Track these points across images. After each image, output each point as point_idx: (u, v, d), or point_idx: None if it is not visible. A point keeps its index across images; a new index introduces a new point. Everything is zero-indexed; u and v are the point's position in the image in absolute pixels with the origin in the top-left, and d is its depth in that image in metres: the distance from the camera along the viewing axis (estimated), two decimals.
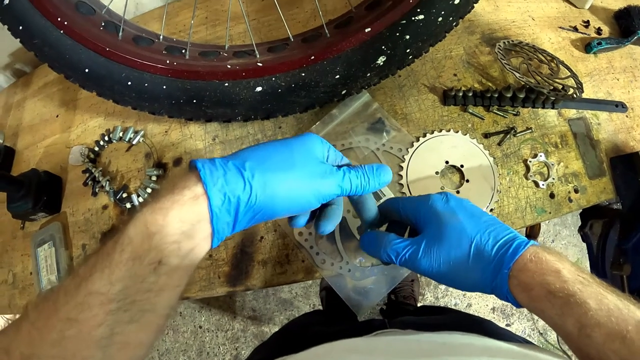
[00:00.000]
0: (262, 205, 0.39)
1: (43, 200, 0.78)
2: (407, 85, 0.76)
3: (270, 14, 0.89)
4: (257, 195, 0.39)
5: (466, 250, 0.43)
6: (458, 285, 0.45)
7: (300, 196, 0.41)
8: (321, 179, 0.42)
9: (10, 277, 0.82)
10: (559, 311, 0.38)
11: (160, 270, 0.35)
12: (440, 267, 0.44)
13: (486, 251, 0.43)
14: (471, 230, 0.44)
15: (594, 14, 0.89)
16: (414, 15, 0.60)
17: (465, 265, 0.43)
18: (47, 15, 0.61)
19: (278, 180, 0.40)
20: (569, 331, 0.37)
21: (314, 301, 1.85)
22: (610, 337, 0.35)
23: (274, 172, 0.40)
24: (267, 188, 0.39)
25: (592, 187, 0.71)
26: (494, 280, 0.42)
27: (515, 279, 0.41)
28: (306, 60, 0.64)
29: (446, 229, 0.45)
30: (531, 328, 1.75)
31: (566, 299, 0.38)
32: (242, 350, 1.83)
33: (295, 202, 0.41)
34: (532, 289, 0.40)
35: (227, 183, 0.37)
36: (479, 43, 0.81)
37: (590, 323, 0.36)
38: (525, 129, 0.72)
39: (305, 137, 0.45)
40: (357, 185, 0.45)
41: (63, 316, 0.32)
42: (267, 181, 0.39)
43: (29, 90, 1.00)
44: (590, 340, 0.36)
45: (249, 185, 0.38)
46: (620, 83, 0.80)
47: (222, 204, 0.37)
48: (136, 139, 0.79)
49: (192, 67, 0.65)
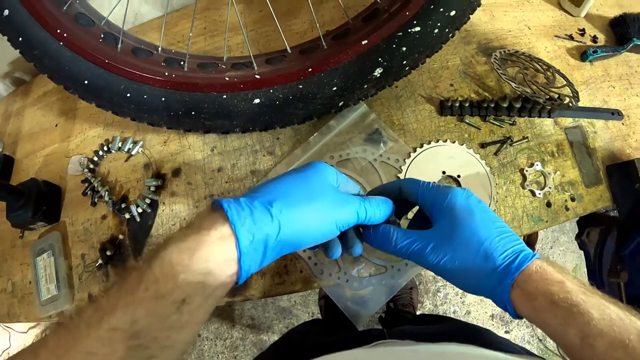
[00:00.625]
0: (289, 239, 0.40)
1: (42, 210, 0.78)
2: (404, 96, 0.77)
3: (268, 24, 0.89)
4: (285, 231, 0.40)
5: (474, 253, 0.44)
6: (459, 284, 0.46)
7: (325, 226, 0.43)
8: (341, 208, 0.44)
9: (10, 285, 0.82)
10: (561, 321, 0.38)
11: (183, 309, 0.35)
12: (445, 264, 0.44)
13: (494, 257, 0.43)
14: (483, 234, 0.44)
15: (589, 22, 0.90)
16: (411, 27, 0.60)
17: (471, 267, 0.44)
18: (46, 27, 0.62)
19: (303, 214, 0.41)
20: (572, 341, 0.37)
21: (313, 309, 1.85)
22: (612, 346, 0.35)
23: (298, 206, 0.41)
24: (294, 222, 0.40)
25: (589, 195, 0.71)
26: (496, 288, 0.42)
27: (519, 289, 0.41)
28: (304, 72, 0.64)
29: (459, 227, 0.45)
30: (530, 335, 1.75)
31: (569, 308, 0.38)
32: (241, 359, 1.83)
33: (320, 232, 0.43)
34: (535, 299, 0.40)
35: (254, 222, 0.38)
36: (475, 53, 0.81)
37: (593, 332, 0.36)
38: (522, 138, 0.73)
39: (319, 167, 0.46)
40: (371, 214, 0.46)
41: (83, 349, 0.32)
42: (293, 216, 0.40)
43: (28, 98, 1.00)
44: (592, 350, 0.36)
45: (277, 221, 0.39)
46: (616, 91, 0.81)
47: (250, 243, 0.38)
48: (135, 149, 0.80)
49: (191, 79, 0.65)
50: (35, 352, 0.32)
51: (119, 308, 0.33)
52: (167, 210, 0.75)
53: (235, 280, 0.39)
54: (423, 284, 1.83)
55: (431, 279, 1.84)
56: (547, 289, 0.40)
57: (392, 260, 0.65)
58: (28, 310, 0.79)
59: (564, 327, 0.38)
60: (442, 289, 1.82)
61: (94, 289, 0.74)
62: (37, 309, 0.77)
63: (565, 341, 0.38)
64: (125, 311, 0.33)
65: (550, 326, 0.39)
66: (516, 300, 0.41)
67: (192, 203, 0.74)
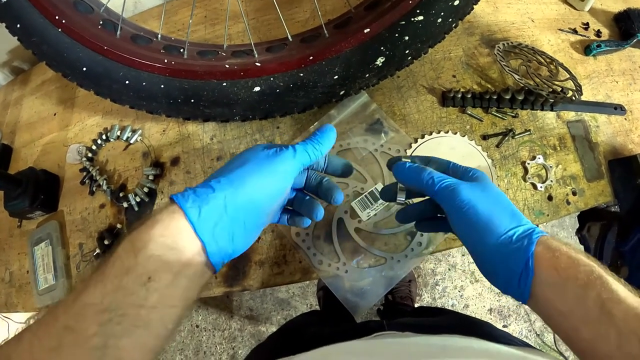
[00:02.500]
0: (242, 202, 0.41)
1: (40, 199, 0.78)
2: (406, 86, 0.76)
3: (269, 13, 0.89)
4: (231, 196, 0.40)
5: (504, 207, 0.45)
6: (481, 235, 0.44)
7: (270, 179, 0.44)
8: (276, 158, 0.44)
9: (7, 275, 0.82)
10: (583, 282, 0.37)
11: (150, 286, 0.36)
12: (476, 205, 0.44)
13: (519, 217, 0.44)
14: (510, 203, 0.46)
15: (593, 16, 0.89)
16: (414, 16, 0.60)
17: (498, 216, 0.44)
18: (45, 14, 0.61)
19: (242, 174, 0.42)
20: (589, 309, 0.36)
21: (311, 301, 1.85)
22: (629, 314, 0.34)
23: (235, 171, 0.42)
24: (237, 185, 0.41)
25: (590, 190, 0.71)
26: (522, 239, 0.42)
27: (543, 245, 0.41)
28: (305, 60, 0.63)
29: (490, 186, 0.47)
30: (528, 329, 1.75)
31: (589, 269, 0.38)
32: (239, 350, 1.83)
33: (269, 187, 0.43)
34: (559, 257, 0.40)
35: (197, 195, 0.39)
36: (478, 44, 0.80)
37: (612, 297, 0.35)
38: (524, 131, 0.72)
39: (251, 146, 0.48)
40: (313, 150, 0.47)
41: (61, 325, 0.33)
42: (233, 179, 0.42)
43: (27, 87, 1.00)
44: (611, 318, 0.35)
45: (220, 189, 0.40)
46: (619, 86, 0.80)
47: (200, 214, 0.38)
48: (134, 138, 0.79)
49: (190, 66, 0.64)
50: (20, 336, 0.33)
51: (90, 286, 0.35)
52: (165, 199, 0.75)
53: (205, 260, 0.40)
54: (422, 277, 1.83)
55: (430, 272, 1.84)
56: (568, 250, 0.40)
57: (391, 252, 0.65)
58: (25, 300, 0.79)
59: (584, 290, 0.37)
60: (440, 282, 1.82)
61: None
62: (34, 299, 0.77)
63: (582, 312, 0.37)
64: (95, 288, 0.34)
65: (570, 291, 0.38)
66: (540, 256, 0.40)
67: None
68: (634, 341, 0.33)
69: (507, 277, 0.42)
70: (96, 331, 0.33)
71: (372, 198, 0.65)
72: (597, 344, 0.36)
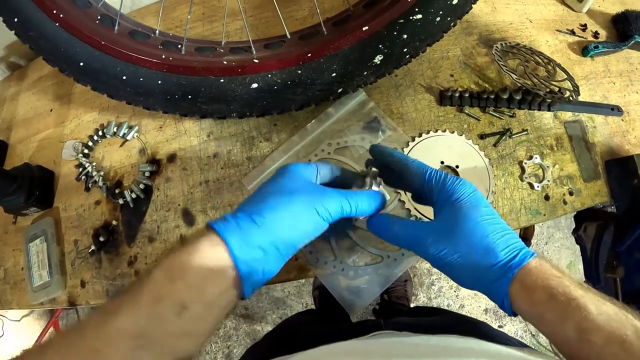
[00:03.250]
0: (282, 239, 0.42)
1: (35, 195, 0.77)
2: (404, 84, 0.76)
3: (267, 10, 0.89)
4: (273, 233, 0.41)
5: (477, 246, 0.44)
6: (457, 277, 0.46)
7: (310, 221, 0.45)
8: (321, 200, 0.45)
9: (2, 272, 0.81)
10: (559, 314, 0.38)
11: (184, 315, 0.36)
12: (446, 256, 0.44)
13: (496, 252, 0.43)
14: (487, 229, 0.44)
15: (591, 17, 0.90)
16: (412, 14, 0.60)
17: (471, 260, 0.44)
18: (42, 8, 0.61)
19: (285, 213, 0.43)
20: (569, 336, 0.37)
21: (307, 300, 1.85)
22: (609, 341, 0.35)
23: (278, 208, 0.43)
24: (279, 223, 0.42)
25: (587, 190, 0.71)
26: (495, 282, 0.42)
27: (519, 283, 0.41)
28: (303, 57, 0.63)
29: (464, 219, 0.45)
30: (523, 330, 1.76)
31: (567, 302, 0.38)
32: (234, 349, 1.83)
33: (308, 227, 0.45)
34: (534, 292, 0.40)
35: (241, 229, 0.40)
36: (476, 44, 0.81)
37: (590, 327, 0.36)
38: (521, 130, 0.72)
39: (290, 168, 0.48)
40: (357, 206, 0.48)
41: (89, 346, 0.33)
42: (276, 217, 0.42)
43: (23, 83, 1.00)
44: (589, 345, 0.36)
45: (263, 225, 0.41)
46: (616, 87, 0.81)
47: (241, 248, 0.40)
48: (130, 134, 0.79)
49: (188, 62, 0.64)
50: (42, 350, 0.34)
51: (124, 309, 0.35)
52: (161, 196, 0.74)
53: (239, 290, 0.41)
54: (417, 276, 1.83)
55: (426, 272, 1.84)
56: (546, 283, 0.40)
57: (388, 250, 0.65)
58: (20, 297, 0.78)
59: (562, 321, 0.38)
60: (436, 282, 1.83)
61: (87, 276, 0.74)
62: (29, 296, 0.76)
63: (562, 337, 0.38)
64: (128, 313, 0.35)
65: (548, 321, 0.39)
66: (515, 295, 0.41)
67: (187, 189, 0.74)
68: None
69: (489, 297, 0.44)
70: (125, 356, 0.33)
71: None
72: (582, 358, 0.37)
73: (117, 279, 0.72)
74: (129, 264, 0.72)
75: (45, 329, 1.87)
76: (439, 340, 0.46)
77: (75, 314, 2.01)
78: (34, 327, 1.94)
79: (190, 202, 0.73)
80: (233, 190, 0.72)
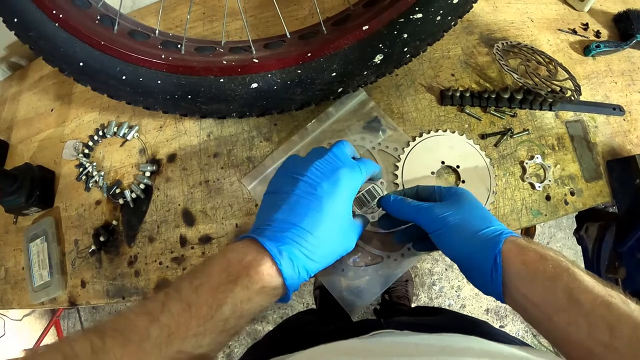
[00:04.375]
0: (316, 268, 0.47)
1: (36, 195, 0.77)
2: (404, 84, 0.76)
3: (267, 10, 0.88)
4: (320, 263, 0.47)
5: (476, 215, 0.49)
6: (453, 241, 0.49)
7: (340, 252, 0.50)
8: (350, 236, 0.50)
9: (2, 272, 0.81)
10: (550, 274, 0.40)
11: (234, 336, 0.42)
12: (448, 217, 0.49)
13: (492, 220, 0.49)
14: (483, 209, 0.51)
15: (593, 16, 0.89)
16: (413, 13, 0.59)
17: (470, 223, 0.48)
18: (42, 8, 0.61)
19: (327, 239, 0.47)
20: (559, 299, 0.39)
21: (308, 300, 1.85)
22: (597, 303, 0.37)
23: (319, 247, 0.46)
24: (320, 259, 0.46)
25: (589, 190, 0.71)
26: (491, 239, 0.46)
27: (511, 243, 0.45)
28: (303, 57, 0.63)
29: (463, 199, 0.52)
30: (525, 330, 1.76)
31: (557, 262, 0.41)
32: (235, 349, 1.83)
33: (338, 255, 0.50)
34: (526, 252, 0.43)
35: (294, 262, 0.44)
36: (477, 43, 0.80)
37: (580, 287, 0.38)
38: (522, 130, 0.72)
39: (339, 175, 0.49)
40: None
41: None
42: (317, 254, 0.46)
43: (24, 83, 1.00)
44: (579, 307, 0.37)
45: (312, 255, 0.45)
46: (618, 86, 0.80)
47: (292, 276, 0.44)
48: (130, 134, 0.79)
49: (188, 62, 0.64)
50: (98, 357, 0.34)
51: (190, 334, 0.37)
52: (161, 196, 0.74)
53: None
54: (419, 276, 1.83)
55: (427, 272, 1.84)
56: (536, 247, 0.44)
57: (388, 250, 0.65)
58: (21, 297, 0.79)
59: (553, 281, 0.40)
60: (437, 282, 1.82)
61: (87, 275, 0.74)
62: (29, 295, 0.76)
63: (553, 303, 0.40)
64: (195, 339, 0.37)
65: (539, 283, 0.41)
66: (507, 253, 0.44)
67: (187, 189, 0.74)
68: (602, 327, 0.36)
69: (481, 274, 0.46)
70: None
71: (369, 196, 0.65)
72: (569, 332, 0.38)
73: (117, 279, 0.72)
74: (129, 264, 0.72)
75: (46, 328, 1.88)
76: (439, 340, 0.46)
77: (76, 313, 2.02)
78: (36, 326, 1.94)
79: (191, 202, 0.73)
80: (233, 190, 0.72)
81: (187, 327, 0.37)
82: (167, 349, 0.35)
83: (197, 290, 0.39)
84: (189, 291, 0.39)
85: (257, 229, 0.46)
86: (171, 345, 0.35)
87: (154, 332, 0.35)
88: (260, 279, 0.41)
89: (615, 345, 0.35)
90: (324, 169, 0.49)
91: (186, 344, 0.36)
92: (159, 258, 0.71)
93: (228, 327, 0.39)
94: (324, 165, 0.49)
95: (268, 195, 0.50)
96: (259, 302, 0.41)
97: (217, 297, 0.39)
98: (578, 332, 0.37)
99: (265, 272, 0.41)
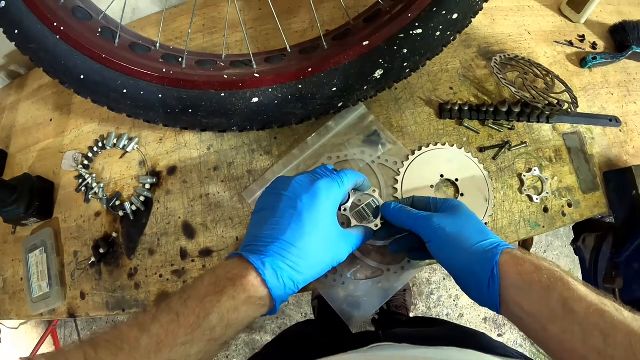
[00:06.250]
0: (304, 280, 0.47)
1: (35, 206, 0.77)
2: (404, 98, 0.77)
3: (267, 23, 0.89)
4: (307, 276, 0.47)
5: (473, 228, 0.50)
6: (451, 251, 0.50)
7: (330, 263, 0.50)
8: (339, 249, 0.51)
9: (1, 282, 0.81)
10: (546, 284, 0.41)
11: (224, 346, 0.43)
12: (446, 227, 0.50)
13: (488, 234, 0.50)
14: (482, 224, 0.52)
15: (589, 28, 0.90)
16: (412, 29, 0.60)
17: (468, 235, 0.49)
18: (43, 20, 0.61)
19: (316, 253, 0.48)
20: (554, 309, 0.40)
21: (306, 310, 1.84)
22: (591, 311, 0.37)
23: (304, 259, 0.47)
24: (305, 272, 0.47)
25: (586, 202, 0.71)
26: (488, 251, 0.47)
27: (508, 254, 0.46)
28: (303, 72, 0.63)
29: (460, 210, 0.53)
30: (523, 338, 1.76)
31: (552, 272, 0.42)
32: (233, 359, 1.82)
33: (327, 267, 0.50)
34: (522, 263, 0.44)
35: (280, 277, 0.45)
36: (475, 57, 0.81)
37: (574, 296, 0.39)
38: (520, 143, 0.73)
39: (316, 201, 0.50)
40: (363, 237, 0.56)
41: None
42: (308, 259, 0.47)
43: (23, 92, 0.99)
44: (573, 316, 0.38)
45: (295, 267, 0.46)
46: (614, 98, 0.81)
47: (278, 288, 0.45)
48: (130, 146, 0.79)
49: (189, 76, 0.64)
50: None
51: (179, 342, 0.38)
52: (161, 208, 0.74)
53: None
54: (417, 286, 1.83)
55: (425, 282, 1.84)
56: (531, 258, 0.45)
57: (388, 263, 0.65)
58: (19, 307, 0.78)
59: (548, 291, 0.41)
60: (435, 291, 1.82)
61: (87, 287, 0.73)
62: (28, 306, 0.76)
63: (548, 312, 0.40)
64: (183, 347, 0.38)
65: (534, 293, 0.42)
66: (504, 264, 0.45)
67: (187, 202, 0.74)
68: (597, 335, 0.36)
69: (478, 285, 0.46)
70: None
71: (369, 210, 0.65)
72: (564, 340, 0.39)
73: (117, 291, 0.72)
74: (129, 276, 0.72)
75: (43, 337, 1.86)
76: (437, 353, 0.47)
77: (73, 322, 2.00)
78: (32, 335, 1.93)
79: (191, 215, 0.73)
80: (233, 204, 0.72)
81: (175, 336, 0.38)
82: (156, 357, 0.36)
83: (186, 302, 0.41)
84: (179, 303, 0.41)
85: (244, 247, 0.47)
86: (160, 353, 0.37)
87: (144, 342, 0.37)
88: (246, 289, 0.42)
89: (609, 352, 0.35)
90: (304, 182, 0.50)
91: (174, 353, 0.37)
92: (159, 271, 0.71)
93: (215, 336, 0.40)
94: (304, 179, 0.51)
95: (255, 214, 0.51)
96: (246, 312, 0.42)
97: (204, 306, 0.40)
98: (573, 340, 0.38)
99: (250, 283, 0.43)
